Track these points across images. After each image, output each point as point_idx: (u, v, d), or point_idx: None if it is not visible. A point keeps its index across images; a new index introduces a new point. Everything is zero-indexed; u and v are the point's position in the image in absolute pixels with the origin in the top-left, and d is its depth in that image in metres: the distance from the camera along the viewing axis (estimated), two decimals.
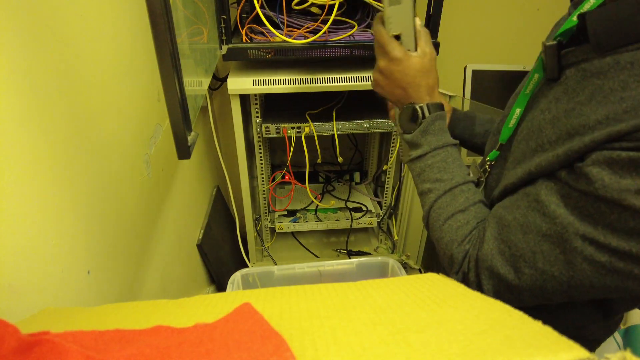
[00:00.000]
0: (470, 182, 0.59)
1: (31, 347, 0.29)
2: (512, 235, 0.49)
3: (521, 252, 0.49)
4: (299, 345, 0.30)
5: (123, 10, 0.71)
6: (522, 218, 0.49)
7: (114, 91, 0.67)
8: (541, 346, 0.28)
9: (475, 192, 0.58)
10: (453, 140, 0.61)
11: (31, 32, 0.46)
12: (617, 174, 0.41)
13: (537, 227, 0.47)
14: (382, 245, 1.58)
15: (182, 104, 0.59)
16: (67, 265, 0.53)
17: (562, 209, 0.45)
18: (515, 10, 1.52)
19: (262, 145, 1.30)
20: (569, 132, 0.46)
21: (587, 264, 0.45)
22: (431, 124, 0.61)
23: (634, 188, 0.40)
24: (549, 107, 0.51)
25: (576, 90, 0.47)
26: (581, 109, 0.46)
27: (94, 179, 0.60)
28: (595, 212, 0.43)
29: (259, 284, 0.92)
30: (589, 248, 0.44)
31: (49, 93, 0.50)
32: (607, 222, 0.42)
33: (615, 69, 0.44)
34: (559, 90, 0.50)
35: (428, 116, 0.61)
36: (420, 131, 0.61)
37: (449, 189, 0.58)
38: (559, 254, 0.46)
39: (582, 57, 0.48)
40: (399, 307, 0.37)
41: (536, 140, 0.50)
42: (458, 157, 0.61)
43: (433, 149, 0.60)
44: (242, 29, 1.06)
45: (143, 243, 0.80)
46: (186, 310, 0.40)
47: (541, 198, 0.47)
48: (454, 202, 0.57)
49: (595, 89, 0.45)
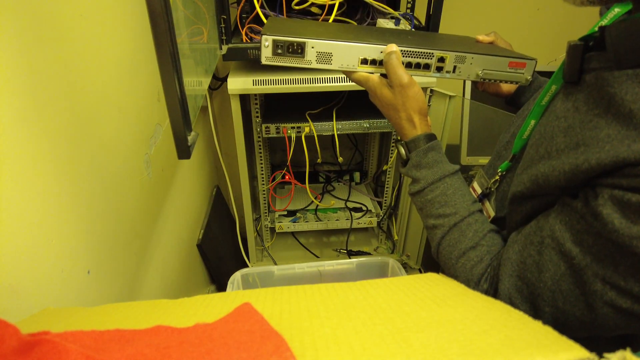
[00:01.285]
0: (476, 211, 0.57)
1: (31, 347, 0.29)
2: (529, 273, 0.47)
3: (539, 292, 0.46)
4: (299, 345, 0.30)
5: (123, 10, 0.71)
6: (538, 255, 0.46)
7: (114, 91, 0.67)
8: (541, 346, 0.28)
9: (483, 222, 0.56)
10: (452, 169, 0.59)
11: (32, 32, 0.46)
12: (628, 218, 0.38)
13: (555, 266, 0.45)
14: (382, 245, 1.58)
15: (182, 104, 0.59)
16: (67, 265, 0.53)
17: (578, 247, 0.42)
18: (515, 10, 1.52)
19: (262, 145, 1.30)
20: (578, 142, 0.43)
21: (609, 307, 0.42)
22: (423, 157, 0.58)
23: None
24: (566, 115, 0.47)
25: (596, 101, 0.44)
26: (598, 121, 0.42)
27: (94, 179, 0.60)
28: (612, 254, 0.40)
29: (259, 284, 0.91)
30: (609, 292, 0.41)
31: (49, 93, 0.50)
32: (626, 266, 0.40)
33: (633, 80, 0.41)
34: (580, 99, 0.46)
35: (417, 150, 0.59)
36: (413, 165, 0.59)
37: (455, 225, 0.56)
38: (579, 295, 0.43)
39: (604, 65, 0.45)
40: (399, 307, 0.37)
41: (546, 147, 0.48)
42: (460, 186, 0.58)
43: (430, 183, 0.58)
44: (242, 28, 1.06)
45: (143, 243, 0.80)
46: (186, 310, 0.40)
47: (556, 235, 0.45)
48: (462, 239, 0.55)
49: (610, 100, 0.42)
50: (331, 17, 1.00)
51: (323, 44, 0.60)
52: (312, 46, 0.60)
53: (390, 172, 1.41)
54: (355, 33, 0.69)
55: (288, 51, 0.60)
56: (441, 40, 0.76)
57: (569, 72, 0.48)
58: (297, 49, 0.60)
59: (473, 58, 0.64)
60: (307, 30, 0.65)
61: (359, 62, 0.62)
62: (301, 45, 0.60)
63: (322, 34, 0.64)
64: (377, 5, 1.06)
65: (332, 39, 0.60)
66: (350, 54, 0.61)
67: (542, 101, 0.55)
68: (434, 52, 0.62)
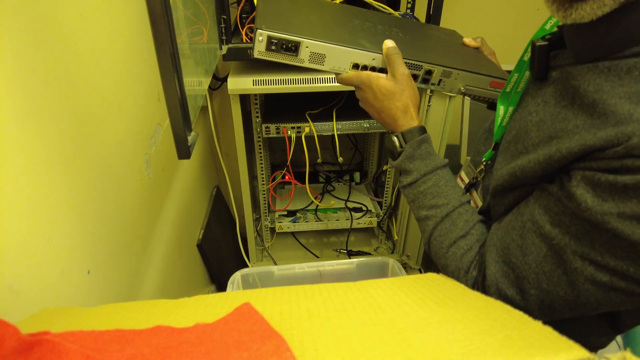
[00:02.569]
0: (466, 202, 0.59)
1: (31, 347, 0.29)
2: (513, 257, 0.49)
3: (524, 274, 0.48)
4: (299, 345, 0.30)
5: (123, 10, 0.71)
6: (520, 240, 0.48)
7: (114, 91, 0.67)
8: (541, 346, 0.28)
9: (473, 213, 0.58)
10: (442, 162, 0.60)
11: (32, 32, 0.46)
12: (599, 196, 0.41)
13: (537, 249, 0.47)
14: (382, 245, 1.58)
15: (182, 104, 0.59)
16: (67, 265, 0.53)
17: (557, 229, 0.45)
18: (515, 10, 1.52)
19: (262, 145, 1.30)
20: (550, 135, 0.46)
21: (590, 283, 0.44)
22: (417, 148, 0.59)
23: (616, 212, 0.40)
24: (537, 109, 0.51)
25: (562, 94, 0.47)
26: (566, 113, 0.46)
27: (94, 179, 0.60)
28: (588, 232, 0.43)
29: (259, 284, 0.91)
30: (589, 268, 0.44)
31: (49, 93, 0.50)
32: (601, 242, 0.42)
33: (593, 72, 0.44)
34: (548, 93, 0.50)
35: (412, 141, 0.59)
36: (407, 157, 0.60)
37: (447, 215, 0.57)
38: (561, 274, 0.46)
39: (567, 62, 0.48)
40: (399, 307, 0.38)
41: (523, 143, 0.50)
42: (450, 178, 0.60)
43: (423, 174, 0.59)
44: (242, 29, 1.06)
45: (143, 243, 0.80)
46: (186, 310, 0.40)
47: (536, 218, 0.47)
48: (453, 228, 0.56)
49: (574, 92, 0.45)
50: None
51: (318, 45, 0.60)
52: (306, 46, 0.59)
53: (391, 172, 1.41)
54: (350, 27, 0.69)
55: (282, 48, 0.59)
56: (430, 41, 0.76)
57: (537, 71, 0.52)
58: (292, 47, 0.59)
59: (459, 74, 0.65)
60: (302, 22, 0.65)
61: (351, 66, 0.62)
62: (296, 44, 0.59)
63: (317, 27, 0.63)
64: (377, 5, 1.06)
65: (327, 39, 0.60)
66: (343, 57, 0.61)
67: (517, 88, 0.57)
68: (422, 65, 0.63)
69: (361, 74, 0.62)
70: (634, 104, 0.40)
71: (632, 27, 0.42)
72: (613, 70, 0.43)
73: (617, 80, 0.42)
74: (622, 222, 0.40)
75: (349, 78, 0.63)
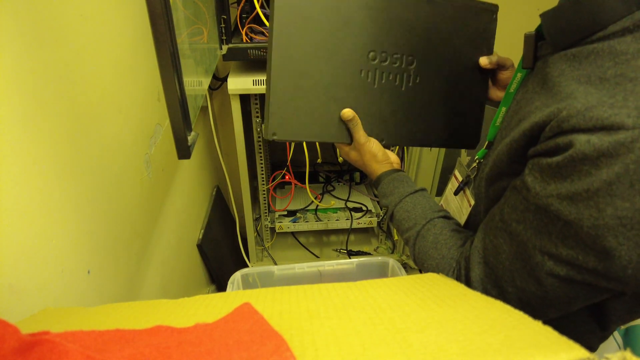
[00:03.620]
0: (435, 218, 0.61)
1: (31, 347, 0.29)
2: (491, 257, 0.50)
3: (501, 273, 0.49)
4: (299, 345, 0.30)
5: (123, 10, 0.71)
6: (495, 239, 0.50)
7: (114, 91, 0.67)
8: (541, 346, 0.28)
9: (442, 226, 0.60)
10: (410, 190, 0.65)
11: (33, 32, 0.46)
12: (544, 181, 0.42)
13: (508, 247, 0.48)
14: (382, 245, 1.58)
15: (182, 104, 0.59)
16: (68, 265, 0.53)
17: (521, 224, 0.46)
18: (515, 10, 1.52)
19: (262, 145, 1.30)
20: (520, 118, 0.48)
21: (552, 278, 0.45)
22: (387, 187, 0.66)
23: (555, 193, 0.41)
24: (519, 98, 0.53)
25: (537, 81, 0.50)
26: (533, 97, 0.48)
27: (95, 179, 0.60)
28: (542, 222, 0.43)
29: (259, 284, 0.91)
30: (548, 262, 0.44)
31: (50, 93, 0.50)
32: (554, 232, 0.43)
33: (563, 59, 0.46)
34: (530, 81, 0.52)
35: (382, 183, 0.67)
36: (382, 196, 0.67)
37: (417, 234, 0.61)
38: (529, 270, 0.46)
39: (549, 50, 0.50)
40: (399, 307, 0.37)
41: (507, 131, 0.52)
42: (419, 201, 0.64)
43: (394, 205, 0.65)
44: (242, 28, 1.06)
45: (143, 243, 0.80)
46: (186, 310, 0.40)
47: (504, 217, 0.48)
48: (425, 243, 0.60)
49: (543, 78, 0.47)
50: None
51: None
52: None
53: None
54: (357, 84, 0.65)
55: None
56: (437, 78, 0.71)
57: (525, 60, 0.54)
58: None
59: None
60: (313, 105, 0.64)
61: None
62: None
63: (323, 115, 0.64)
64: None
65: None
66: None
67: (510, 89, 0.59)
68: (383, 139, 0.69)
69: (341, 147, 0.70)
70: (579, 83, 0.42)
71: (596, 9, 0.43)
72: (577, 56, 0.44)
73: (577, 65, 0.44)
74: (560, 203, 0.41)
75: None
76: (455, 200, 0.70)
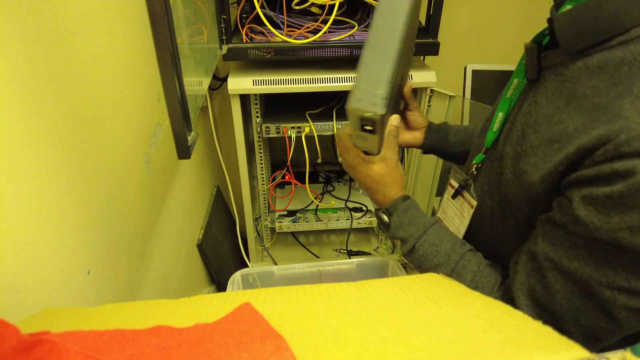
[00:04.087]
0: (467, 252, 0.58)
1: (31, 347, 0.29)
2: (542, 299, 0.47)
3: (559, 314, 0.46)
4: (299, 345, 0.30)
5: (123, 10, 0.71)
6: (543, 280, 0.46)
7: (114, 91, 0.67)
8: (541, 346, 0.28)
9: (477, 262, 0.57)
10: (431, 220, 0.61)
11: (32, 32, 0.46)
12: (603, 213, 0.39)
13: (562, 286, 0.45)
14: (382, 245, 1.58)
15: (182, 104, 0.59)
16: (67, 265, 0.53)
17: (575, 262, 0.43)
18: (515, 10, 1.51)
19: (262, 145, 1.30)
20: (550, 138, 0.45)
21: (627, 311, 0.42)
22: (403, 216, 0.61)
23: (626, 226, 0.38)
24: (530, 110, 0.51)
25: (555, 94, 0.47)
26: (560, 115, 0.45)
27: (95, 179, 0.60)
28: (604, 257, 0.41)
29: (259, 284, 0.91)
30: (619, 297, 0.41)
31: (49, 92, 0.50)
32: (623, 265, 0.40)
33: (585, 73, 0.44)
34: (539, 93, 0.50)
35: (397, 211, 0.61)
36: (398, 226, 0.61)
37: (452, 270, 0.57)
38: (595, 306, 0.43)
39: (558, 61, 0.48)
40: (399, 307, 0.37)
41: (521, 145, 0.50)
42: (445, 233, 0.60)
43: (417, 238, 0.60)
44: (242, 29, 1.06)
45: (143, 243, 0.80)
46: (186, 310, 0.40)
47: (550, 256, 0.45)
48: (462, 282, 0.55)
49: (570, 95, 0.45)
50: (331, 17, 1.00)
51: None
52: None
53: None
54: None
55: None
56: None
57: (529, 71, 0.53)
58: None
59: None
60: None
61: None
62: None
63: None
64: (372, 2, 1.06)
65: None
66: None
67: (507, 94, 0.58)
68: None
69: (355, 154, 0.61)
70: (623, 100, 0.39)
71: (618, 10, 0.41)
72: (604, 69, 0.42)
73: (610, 80, 0.41)
74: (634, 236, 0.38)
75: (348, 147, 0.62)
76: (453, 206, 0.70)
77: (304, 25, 1.05)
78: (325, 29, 1.01)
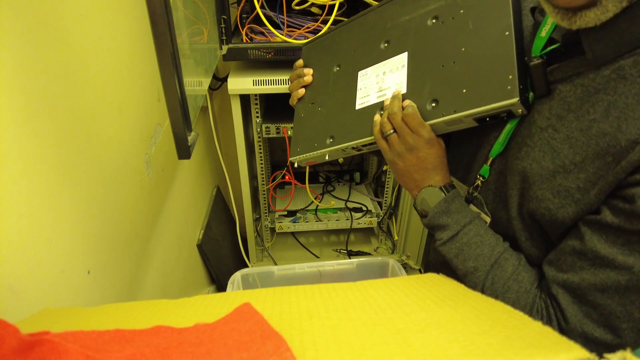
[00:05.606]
0: (508, 247, 0.58)
1: (31, 347, 0.29)
2: (591, 296, 0.48)
3: (609, 310, 0.47)
4: (299, 345, 0.30)
5: (123, 10, 0.71)
6: (592, 277, 0.47)
7: (114, 91, 0.67)
8: (541, 346, 0.28)
9: (518, 256, 0.57)
10: (476, 213, 0.60)
11: (32, 32, 0.46)
12: None
13: (614, 282, 0.46)
14: (382, 245, 1.58)
15: (182, 104, 0.59)
16: (67, 265, 0.53)
17: (632, 257, 0.44)
18: None
19: (262, 145, 1.30)
20: (597, 152, 0.46)
21: None
22: (451, 203, 0.59)
23: None
24: (550, 124, 0.51)
25: (583, 107, 0.48)
26: (599, 126, 0.46)
27: (94, 179, 0.60)
28: None
29: (259, 284, 0.91)
30: None
31: (49, 93, 0.50)
32: None
33: (623, 83, 0.45)
34: (557, 107, 0.50)
35: (446, 195, 0.59)
36: (443, 212, 0.59)
37: (495, 262, 0.56)
38: None
39: (573, 72, 0.49)
40: (399, 307, 0.37)
41: (553, 161, 0.50)
42: (487, 227, 0.59)
43: (463, 226, 0.58)
44: (243, 29, 1.06)
45: (143, 243, 0.80)
46: (186, 310, 0.40)
47: (602, 253, 0.46)
48: (503, 274, 0.56)
49: (609, 106, 0.45)
50: (331, 17, 1.00)
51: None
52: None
53: (391, 172, 1.41)
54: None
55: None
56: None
57: (538, 88, 0.52)
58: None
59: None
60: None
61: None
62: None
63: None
64: None
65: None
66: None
67: None
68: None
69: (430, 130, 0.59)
70: None
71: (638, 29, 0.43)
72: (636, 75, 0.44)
73: None
74: None
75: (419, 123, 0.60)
76: None
77: (304, 26, 1.05)
78: (325, 29, 1.01)
